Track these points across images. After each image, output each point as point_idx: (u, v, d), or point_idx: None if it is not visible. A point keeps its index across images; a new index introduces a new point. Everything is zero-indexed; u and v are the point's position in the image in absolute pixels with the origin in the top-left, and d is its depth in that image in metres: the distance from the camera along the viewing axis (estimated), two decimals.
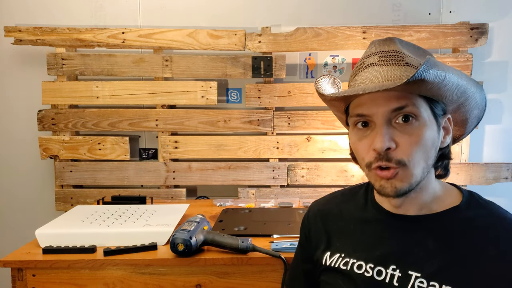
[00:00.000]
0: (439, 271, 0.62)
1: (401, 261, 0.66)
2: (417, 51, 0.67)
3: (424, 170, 0.65)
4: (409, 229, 0.68)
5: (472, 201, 0.68)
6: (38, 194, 1.73)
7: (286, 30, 1.59)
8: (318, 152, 1.62)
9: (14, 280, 1.02)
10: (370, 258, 0.69)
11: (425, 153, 0.64)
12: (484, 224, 0.65)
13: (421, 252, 0.65)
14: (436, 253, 0.64)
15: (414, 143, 0.63)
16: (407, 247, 0.67)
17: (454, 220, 0.66)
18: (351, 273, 0.69)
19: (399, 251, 0.67)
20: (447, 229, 0.65)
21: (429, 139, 0.63)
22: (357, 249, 0.71)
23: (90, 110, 1.63)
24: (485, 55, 1.63)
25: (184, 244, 0.98)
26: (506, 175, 1.59)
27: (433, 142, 0.64)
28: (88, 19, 1.65)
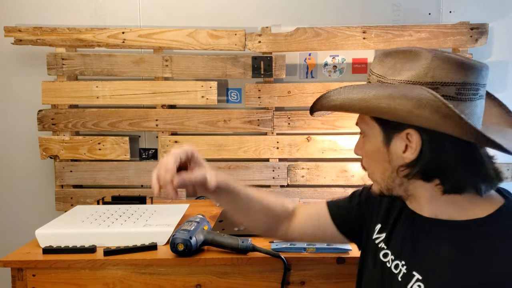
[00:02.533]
0: (438, 280, 0.62)
1: (410, 259, 0.68)
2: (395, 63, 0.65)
3: (387, 180, 0.68)
4: (425, 231, 0.68)
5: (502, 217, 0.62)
6: (38, 194, 1.72)
7: (286, 30, 1.59)
8: (318, 152, 1.62)
9: (14, 280, 1.02)
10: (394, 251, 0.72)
11: (375, 165, 0.69)
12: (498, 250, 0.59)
13: (430, 257, 0.65)
14: (443, 262, 0.63)
15: (364, 155, 0.72)
16: (419, 247, 0.68)
17: (469, 234, 0.62)
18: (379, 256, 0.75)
19: (412, 249, 0.68)
20: (459, 240, 0.62)
21: (373, 153, 0.68)
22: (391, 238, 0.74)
23: (90, 110, 1.63)
24: (485, 55, 1.63)
25: (184, 244, 0.98)
26: (506, 175, 1.59)
27: (380, 156, 0.67)
28: (88, 19, 1.65)
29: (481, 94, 0.62)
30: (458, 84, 0.59)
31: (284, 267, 0.99)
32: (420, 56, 0.62)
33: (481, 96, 0.62)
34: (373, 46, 1.58)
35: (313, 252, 1.02)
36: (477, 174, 0.62)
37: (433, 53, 0.61)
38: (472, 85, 0.60)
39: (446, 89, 0.59)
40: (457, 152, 0.61)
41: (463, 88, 0.60)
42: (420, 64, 0.61)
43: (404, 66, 0.63)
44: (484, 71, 0.61)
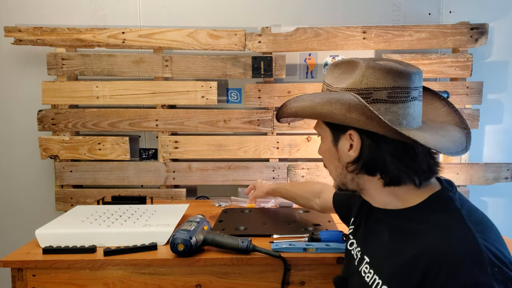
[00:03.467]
0: (378, 261, 0.72)
1: (363, 246, 0.79)
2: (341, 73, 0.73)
3: (339, 176, 0.77)
4: (375, 219, 0.78)
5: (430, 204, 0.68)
6: (38, 194, 1.73)
7: (286, 30, 1.59)
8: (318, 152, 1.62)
9: (14, 280, 1.02)
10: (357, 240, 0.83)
11: (329, 163, 0.79)
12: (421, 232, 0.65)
13: (377, 241, 0.75)
14: (384, 244, 0.72)
15: (322, 155, 0.82)
16: (370, 234, 0.78)
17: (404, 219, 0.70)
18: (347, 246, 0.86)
19: (366, 236, 0.80)
20: (398, 225, 0.70)
21: (327, 152, 0.78)
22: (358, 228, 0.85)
23: (90, 110, 1.63)
24: (485, 55, 1.63)
25: (184, 244, 0.98)
26: (506, 175, 1.59)
27: (332, 155, 0.76)
28: (88, 19, 1.65)
29: (414, 96, 0.69)
30: (389, 88, 0.68)
31: (284, 267, 0.99)
32: (357, 66, 0.70)
33: (414, 98, 0.69)
34: (373, 46, 1.58)
35: (313, 252, 1.02)
36: (410, 168, 0.69)
37: (367, 62, 0.70)
38: (402, 88, 0.68)
39: (379, 93, 0.68)
40: (391, 149, 0.68)
41: (394, 92, 0.68)
42: (356, 73, 0.70)
43: (346, 75, 0.72)
44: (414, 76, 0.69)
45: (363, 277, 0.74)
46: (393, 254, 0.68)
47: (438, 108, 0.79)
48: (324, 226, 1.19)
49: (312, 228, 1.17)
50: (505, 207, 1.66)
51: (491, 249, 0.58)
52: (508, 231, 1.49)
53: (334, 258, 1.00)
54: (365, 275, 0.73)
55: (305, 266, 1.02)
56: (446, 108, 0.78)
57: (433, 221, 0.65)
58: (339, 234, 1.07)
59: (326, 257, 1.01)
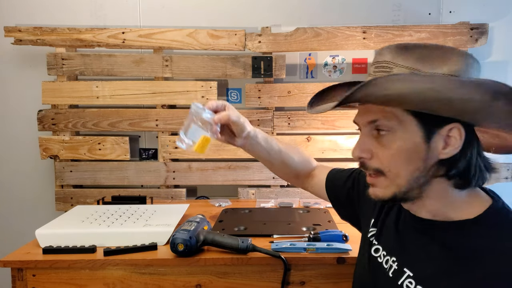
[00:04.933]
0: (429, 277, 0.63)
1: (402, 256, 0.69)
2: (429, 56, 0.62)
3: (412, 181, 0.63)
4: (419, 230, 0.68)
5: (492, 217, 0.62)
6: (38, 194, 1.73)
7: (286, 30, 1.59)
8: (318, 152, 1.62)
9: (14, 280, 1.02)
10: (385, 247, 0.75)
11: (405, 165, 0.63)
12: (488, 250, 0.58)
13: (422, 254, 0.66)
14: (435, 260, 0.63)
15: (388, 155, 0.64)
16: (411, 245, 0.69)
17: (461, 234, 0.62)
18: (370, 251, 0.77)
19: (404, 247, 0.70)
20: (452, 239, 0.63)
21: (405, 151, 0.63)
22: (382, 233, 0.77)
23: (90, 110, 1.63)
24: (485, 55, 1.63)
25: (184, 244, 0.98)
26: (506, 175, 1.59)
27: (413, 154, 0.62)
28: (88, 19, 1.65)
29: None
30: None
31: (284, 267, 0.99)
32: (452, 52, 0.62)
33: None
34: (373, 46, 1.58)
35: (313, 252, 1.02)
36: (483, 170, 0.63)
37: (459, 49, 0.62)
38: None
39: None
40: (477, 148, 0.63)
41: None
42: (458, 59, 0.61)
43: (438, 59, 0.61)
44: None
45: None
46: (450, 272, 0.60)
47: None
48: (324, 226, 1.19)
49: (312, 228, 1.17)
50: None
51: None
52: None
53: (334, 258, 1.00)
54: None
55: (305, 266, 1.02)
56: None
57: (496, 237, 0.59)
58: (339, 234, 1.07)
59: (326, 257, 1.01)
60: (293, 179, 1.11)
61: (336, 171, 1.04)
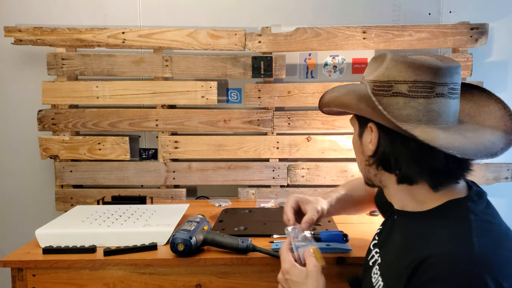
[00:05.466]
0: (386, 265, 0.71)
1: (381, 247, 0.78)
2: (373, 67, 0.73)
3: (365, 170, 0.77)
4: (393, 220, 0.77)
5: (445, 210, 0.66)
6: (38, 194, 1.72)
7: (286, 30, 1.59)
8: (318, 152, 1.62)
9: (14, 280, 1.02)
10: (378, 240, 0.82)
11: (357, 156, 0.80)
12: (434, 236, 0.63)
13: (390, 243, 0.75)
14: (395, 248, 0.70)
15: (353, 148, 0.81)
16: (388, 236, 0.78)
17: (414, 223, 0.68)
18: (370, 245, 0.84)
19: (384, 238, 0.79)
20: (407, 228, 0.70)
21: (354, 145, 0.80)
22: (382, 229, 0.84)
23: (90, 110, 1.63)
24: (485, 55, 1.63)
25: (184, 244, 0.98)
26: (506, 175, 1.59)
27: (357, 147, 0.78)
28: (88, 19, 1.65)
29: (440, 92, 0.65)
30: (409, 82, 0.66)
31: None
32: (384, 59, 0.70)
33: (440, 94, 0.66)
34: (373, 46, 1.58)
35: None
36: (424, 168, 0.67)
37: (392, 55, 0.69)
38: (424, 83, 0.65)
39: (399, 87, 0.66)
40: (407, 146, 0.66)
41: (415, 86, 0.65)
42: (382, 65, 0.69)
43: (375, 68, 0.72)
44: (442, 70, 0.65)
45: (371, 277, 0.73)
46: (399, 258, 0.66)
47: (492, 111, 0.73)
48: (324, 226, 1.19)
49: (312, 228, 1.17)
50: (505, 207, 1.66)
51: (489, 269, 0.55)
52: None
53: (334, 258, 1.00)
54: (373, 275, 0.72)
55: None
56: (501, 112, 0.72)
57: (440, 228, 0.63)
58: (339, 234, 1.07)
59: (326, 257, 0.99)
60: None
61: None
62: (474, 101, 0.75)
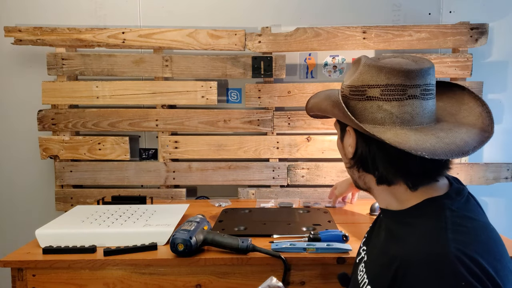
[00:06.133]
0: (370, 262, 0.73)
1: (368, 244, 0.80)
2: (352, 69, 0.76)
3: (350, 172, 0.78)
4: (379, 219, 0.80)
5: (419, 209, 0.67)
6: (38, 194, 1.73)
7: (286, 30, 1.59)
8: (318, 152, 1.62)
9: (14, 280, 1.02)
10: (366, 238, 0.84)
11: (343, 159, 0.81)
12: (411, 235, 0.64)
13: (376, 241, 0.76)
14: (379, 246, 0.72)
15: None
16: (374, 234, 0.79)
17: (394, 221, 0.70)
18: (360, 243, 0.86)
19: (371, 236, 0.81)
20: (390, 226, 0.71)
21: (338, 148, 0.82)
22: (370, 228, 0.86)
23: (90, 110, 1.63)
24: (485, 55, 1.63)
25: (184, 244, 0.98)
26: (506, 175, 1.59)
27: (341, 150, 0.80)
28: (88, 19, 1.65)
29: (413, 94, 0.67)
30: (382, 86, 0.67)
31: (284, 267, 0.99)
32: (359, 63, 0.72)
33: (412, 96, 0.67)
34: (373, 46, 1.58)
35: (313, 252, 1.02)
36: (399, 169, 0.68)
37: (366, 60, 0.71)
38: (396, 86, 0.66)
39: (372, 91, 0.68)
40: (381, 148, 0.67)
41: (387, 89, 0.67)
42: (357, 71, 0.71)
43: (352, 73, 0.74)
44: (414, 73, 0.66)
45: (357, 275, 0.75)
46: (380, 255, 0.69)
47: (472, 108, 0.74)
48: (324, 226, 1.19)
49: (312, 228, 1.17)
50: (505, 207, 1.66)
51: (465, 261, 0.55)
52: (508, 231, 1.49)
53: (334, 258, 1.00)
54: (359, 273, 0.74)
55: (305, 266, 1.02)
56: (480, 109, 0.74)
57: (415, 226, 0.64)
58: (339, 234, 1.07)
59: (326, 257, 1.01)
60: None
61: None
62: (456, 99, 0.76)
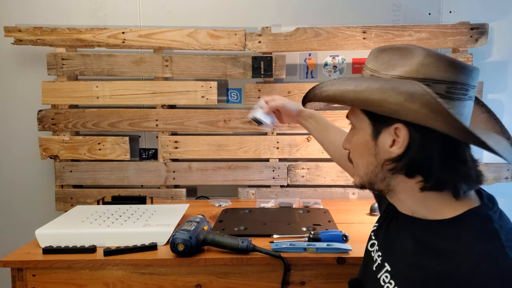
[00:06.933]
0: (399, 272, 0.66)
1: (385, 251, 0.73)
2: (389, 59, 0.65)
3: (369, 173, 0.69)
4: (400, 226, 0.72)
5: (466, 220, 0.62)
6: (38, 194, 1.72)
7: (286, 30, 1.59)
8: (318, 152, 1.62)
9: (14, 280, 1.02)
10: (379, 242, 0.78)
11: (360, 158, 0.70)
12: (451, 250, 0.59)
13: (399, 249, 0.69)
14: (408, 255, 0.65)
15: (351, 148, 0.73)
16: (393, 240, 0.72)
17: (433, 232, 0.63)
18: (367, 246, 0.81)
19: (388, 241, 0.74)
20: (425, 237, 0.64)
21: (360, 145, 0.69)
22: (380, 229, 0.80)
23: (90, 110, 1.63)
24: (485, 55, 1.63)
25: (184, 244, 0.98)
26: (506, 175, 1.59)
27: (366, 149, 0.68)
28: (88, 19, 1.65)
29: (470, 95, 0.63)
30: (449, 82, 0.60)
31: (284, 267, 0.99)
32: (413, 53, 0.62)
33: (470, 97, 0.63)
34: (373, 46, 1.57)
35: (313, 252, 1.02)
36: (458, 173, 0.62)
37: (427, 50, 0.62)
38: (462, 85, 0.61)
39: (437, 87, 0.60)
40: (442, 150, 0.61)
41: (453, 87, 0.60)
42: (413, 60, 0.62)
43: (398, 62, 0.64)
44: (474, 73, 0.62)
45: (382, 286, 0.68)
46: (416, 267, 0.62)
47: (477, 114, 0.71)
48: (324, 226, 1.19)
49: (312, 228, 1.17)
50: (505, 207, 1.65)
51: None
52: None
53: (334, 258, 1.00)
54: (384, 284, 0.68)
55: (305, 266, 1.02)
56: (485, 115, 0.71)
57: (466, 242, 0.58)
58: (339, 234, 1.07)
59: (326, 257, 1.01)
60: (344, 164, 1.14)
61: None
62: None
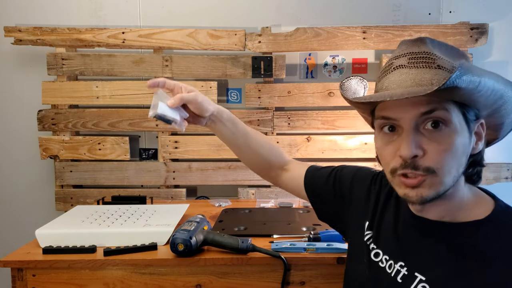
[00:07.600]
0: (442, 281, 0.61)
1: (410, 260, 0.67)
2: (450, 52, 0.63)
3: (455, 179, 0.61)
4: (425, 232, 0.67)
5: (501, 217, 0.62)
6: (38, 194, 1.72)
7: (286, 30, 1.59)
8: (318, 152, 1.62)
9: (14, 280, 1.02)
10: (387, 250, 0.71)
11: (456, 161, 0.60)
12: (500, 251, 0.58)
13: (431, 257, 0.64)
14: (445, 262, 0.62)
15: (443, 151, 0.59)
16: (417, 248, 0.67)
17: (470, 235, 0.61)
18: (370, 256, 0.73)
19: (411, 250, 0.68)
20: (462, 241, 0.62)
21: (460, 146, 0.59)
22: (379, 236, 0.74)
23: (90, 110, 1.63)
24: (485, 55, 1.63)
25: (184, 244, 0.98)
26: (506, 175, 1.59)
27: (464, 149, 0.60)
28: (88, 19, 1.65)
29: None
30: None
31: (284, 267, 0.99)
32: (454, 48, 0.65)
33: None
34: (373, 46, 1.58)
35: (313, 252, 1.02)
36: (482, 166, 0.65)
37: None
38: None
39: None
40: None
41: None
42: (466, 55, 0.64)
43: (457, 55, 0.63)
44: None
45: None
46: (461, 274, 0.59)
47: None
48: (324, 226, 1.19)
49: (312, 228, 1.17)
50: None
51: None
52: None
53: (334, 258, 1.00)
54: None
55: (305, 266, 1.02)
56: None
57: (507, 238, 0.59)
58: (339, 234, 1.07)
59: (326, 257, 1.01)
60: (265, 170, 1.00)
61: (316, 168, 0.95)
62: None
